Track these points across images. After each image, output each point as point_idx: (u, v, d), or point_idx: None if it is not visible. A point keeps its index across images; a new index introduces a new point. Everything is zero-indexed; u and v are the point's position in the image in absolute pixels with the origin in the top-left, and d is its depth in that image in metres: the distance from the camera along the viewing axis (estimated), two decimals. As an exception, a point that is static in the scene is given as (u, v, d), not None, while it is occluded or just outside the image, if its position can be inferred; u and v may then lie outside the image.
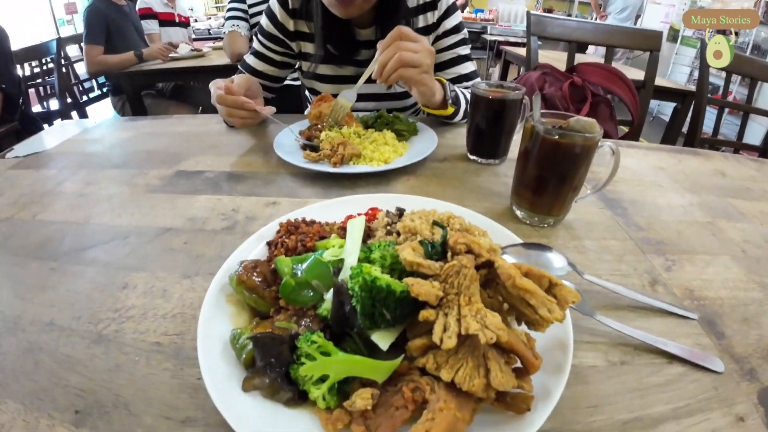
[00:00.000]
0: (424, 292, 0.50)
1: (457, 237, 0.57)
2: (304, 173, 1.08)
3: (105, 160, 1.24)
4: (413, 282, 0.50)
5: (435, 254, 0.58)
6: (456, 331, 0.48)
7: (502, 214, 0.92)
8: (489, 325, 0.48)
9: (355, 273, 0.51)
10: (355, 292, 0.51)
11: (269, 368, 0.53)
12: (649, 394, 0.57)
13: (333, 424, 0.48)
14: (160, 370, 0.61)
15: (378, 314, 0.51)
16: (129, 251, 0.85)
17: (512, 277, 0.53)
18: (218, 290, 0.65)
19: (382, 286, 0.50)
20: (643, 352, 0.63)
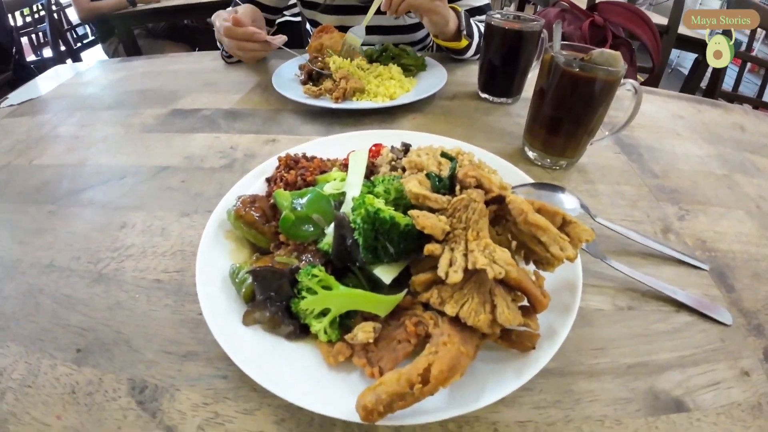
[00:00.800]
0: (430, 225, 0.46)
1: (466, 170, 0.53)
2: (305, 110, 1.02)
3: (99, 102, 1.18)
4: (418, 214, 0.46)
5: (442, 188, 0.53)
6: (462, 266, 0.45)
7: (513, 154, 0.86)
8: (498, 260, 0.45)
9: (357, 204, 0.47)
10: (357, 225, 0.47)
11: (269, 302, 0.51)
12: (655, 340, 0.55)
13: (334, 357, 0.47)
14: (161, 306, 0.60)
15: (381, 248, 0.48)
16: (126, 191, 0.82)
17: (524, 212, 0.49)
18: (217, 226, 0.62)
19: (386, 218, 0.46)
20: (651, 298, 0.61)
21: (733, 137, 1.04)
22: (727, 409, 0.49)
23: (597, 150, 0.91)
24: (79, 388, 0.51)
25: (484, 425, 0.47)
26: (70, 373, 0.53)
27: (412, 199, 0.50)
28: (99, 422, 0.48)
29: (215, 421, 0.48)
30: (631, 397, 0.50)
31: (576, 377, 0.52)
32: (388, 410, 0.39)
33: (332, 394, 0.45)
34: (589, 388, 0.51)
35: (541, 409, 0.49)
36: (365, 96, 1.00)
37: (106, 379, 0.52)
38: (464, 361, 0.41)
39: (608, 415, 0.48)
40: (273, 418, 0.48)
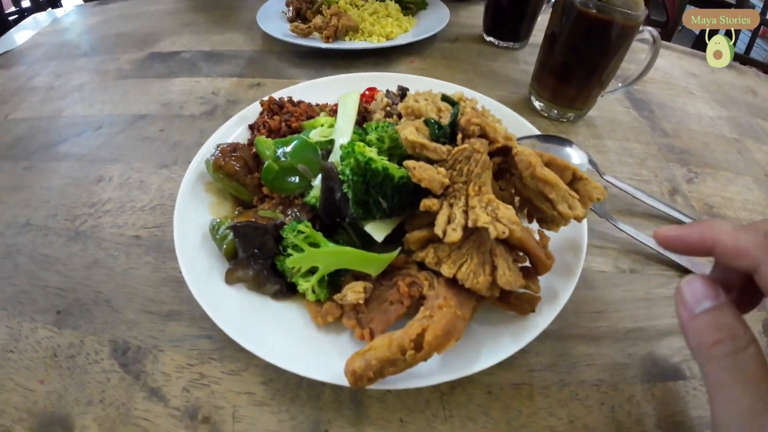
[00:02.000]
0: (427, 178, 0.40)
1: (469, 116, 0.46)
2: (292, 51, 0.91)
3: (74, 49, 1.07)
4: (415, 165, 0.40)
5: (442, 136, 0.47)
6: (462, 223, 0.40)
7: (518, 104, 0.78)
8: (501, 218, 0.39)
9: (346, 153, 0.41)
10: (346, 177, 0.42)
11: (253, 260, 0.47)
12: (657, 305, 0.53)
13: (323, 318, 0.44)
14: (141, 264, 0.56)
15: (373, 202, 0.43)
16: (102, 142, 0.75)
17: (533, 165, 0.43)
18: (195, 178, 0.56)
19: (378, 169, 0.40)
20: (654, 262, 0.57)
21: (745, 101, 0.98)
22: (724, 378, 0.47)
23: (607, 103, 0.83)
24: (61, 351, 0.48)
25: (477, 387, 0.45)
26: (51, 336, 0.50)
27: (407, 148, 0.44)
28: (82, 386, 0.46)
29: (200, 383, 0.45)
30: (628, 362, 0.48)
31: (573, 341, 0.49)
32: (378, 376, 0.35)
33: (320, 357, 0.42)
34: (586, 351, 0.48)
35: (536, 372, 0.46)
36: (359, 35, 0.89)
37: (87, 342, 0.49)
38: (460, 325, 0.37)
39: (605, 380, 0.46)
40: (260, 379, 0.45)
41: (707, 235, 0.30)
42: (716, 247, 0.29)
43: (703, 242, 0.30)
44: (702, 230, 0.30)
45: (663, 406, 0.45)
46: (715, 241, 0.29)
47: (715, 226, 0.30)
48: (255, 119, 0.62)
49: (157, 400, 0.45)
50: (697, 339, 0.28)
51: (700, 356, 0.28)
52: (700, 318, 0.28)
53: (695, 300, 0.29)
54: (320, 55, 0.88)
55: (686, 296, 0.30)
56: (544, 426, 0.43)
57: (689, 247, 0.31)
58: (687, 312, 0.29)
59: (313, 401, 0.44)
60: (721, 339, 0.27)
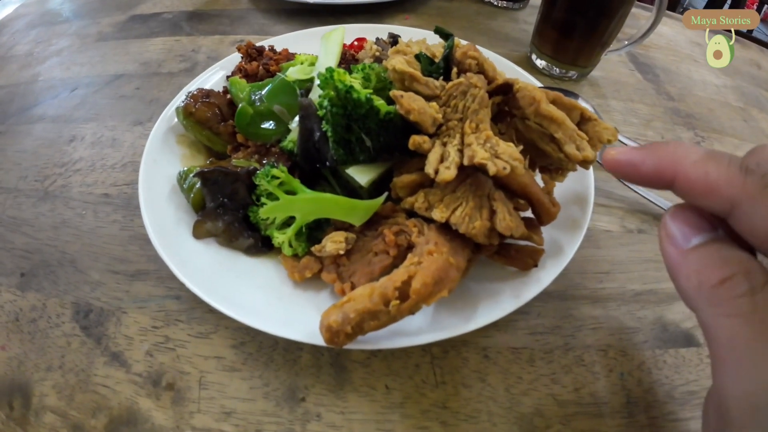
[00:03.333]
0: (417, 109, 0.34)
1: (466, 48, 0.39)
2: (279, 8, 0.84)
3: (56, 17, 1.00)
4: (401, 93, 0.34)
5: (435, 71, 0.40)
6: (456, 162, 0.34)
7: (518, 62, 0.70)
8: (501, 154, 0.33)
9: (324, 80, 0.34)
10: (324, 109, 0.35)
11: (222, 210, 0.41)
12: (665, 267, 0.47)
13: (300, 273, 0.38)
14: (108, 222, 0.50)
15: (356, 141, 0.36)
16: (77, 103, 0.68)
17: (536, 101, 0.37)
18: (167, 129, 0.50)
19: (361, 99, 0.34)
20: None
21: (749, 72, 0.92)
22: (737, 346, 0.41)
23: (610, 65, 0.76)
24: (23, 315, 0.44)
25: (473, 350, 0.39)
26: (14, 299, 0.45)
27: (396, 81, 0.37)
28: (42, 350, 0.41)
29: (165, 346, 0.40)
30: (638, 326, 0.42)
31: (578, 302, 0.44)
32: (357, 332, 0.30)
33: (297, 316, 0.36)
34: (592, 314, 0.43)
35: (537, 335, 0.41)
36: (350, -5, 0.81)
37: (49, 304, 0.44)
38: (453, 274, 0.31)
39: (612, 345, 0.41)
40: (231, 342, 0.40)
41: (667, 164, 0.22)
42: (678, 179, 0.21)
43: (660, 173, 0.22)
44: (660, 155, 0.22)
45: (675, 374, 0.40)
46: (676, 172, 0.21)
47: (678, 151, 0.22)
48: (233, 70, 0.55)
49: (119, 365, 0.39)
50: (695, 279, 0.20)
51: (700, 301, 0.20)
52: (696, 252, 0.21)
53: (685, 233, 0.22)
54: (308, 12, 0.81)
55: (672, 230, 0.22)
56: (547, 394, 0.38)
57: (643, 177, 0.23)
58: (676, 248, 0.22)
59: (289, 366, 0.38)
60: (730, 275, 0.19)
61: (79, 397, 0.38)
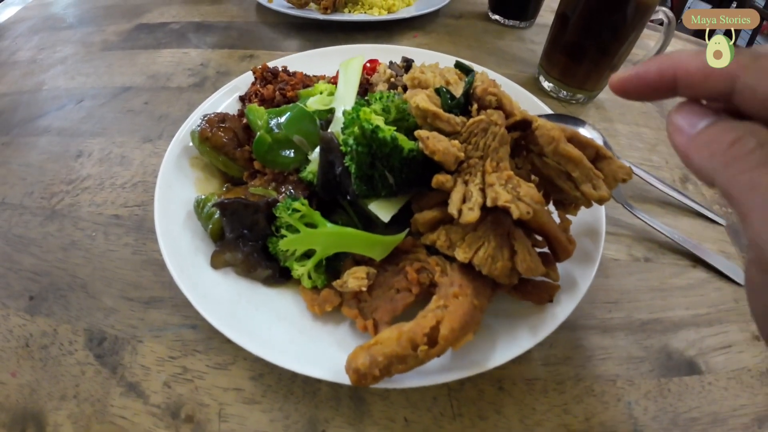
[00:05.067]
0: (441, 150, 0.34)
1: (486, 85, 0.39)
2: (288, 23, 0.83)
3: (59, 22, 0.97)
4: (427, 134, 0.34)
5: (455, 107, 0.40)
6: (479, 202, 0.33)
7: (526, 84, 0.70)
8: (524, 196, 0.33)
9: (350, 120, 0.34)
10: (349, 148, 0.35)
11: (242, 241, 0.40)
12: (671, 296, 0.48)
13: (320, 306, 0.37)
14: (120, 245, 0.49)
15: (378, 177, 0.36)
16: (83, 116, 0.66)
17: (555, 140, 0.37)
18: (180, 151, 0.49)
19: (386, 138, 0.34)
20: (668, 250, 0.52)
21: None
22: (738, 374, 0.42)
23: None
24: (33, 340, 0.42)
25: (488, 382, 0.39)
26: (23, 323, 0.44)
27: (418, 118, 0.37)
28: (55, 378, 0.40)
29: (183, 377, 0.39)
30: (644, 355, 0.43)
31: (588, 332, 0.44)
32: (384, 374, 0.29)
33: (317, 350, 0.36)
34: (601, 344, 0.43)
35: (550, 366, 0.41)
36: (359, 7, 0.80)
37: (61, 330, 0.43)
38: (477, 317, 0.32)
39: (620, 374, 0.41)
40: (250, 374, 0.39)
41: (667, 65, 0.24)
42: (679, 75, 0.23)
43: (662, 75, 0.24)
44: (660, 61, 0.24)
45: (679, 402, 0.41)
46: (676, 69, 0.23)
47: (674, 54, 0.24)
48: (246, 90, 0.54)
49: (136, 396, 0.38)
50: (707, 151, 0.21)
51: (716, 168, 0.21)
52: (704, 132, 0.22)
53: (691, 121, 0.23)
54: (317, 27, 0.80)
55: (679, 121, 0.23)
56: (559, 424, 0.38)
57: (649, 86, 0.25)
58: (685, 135, 0.23)
59: (309, 398, 0.38)
60: (738, 137, 0.20)
61: (95, 428, 0.37)
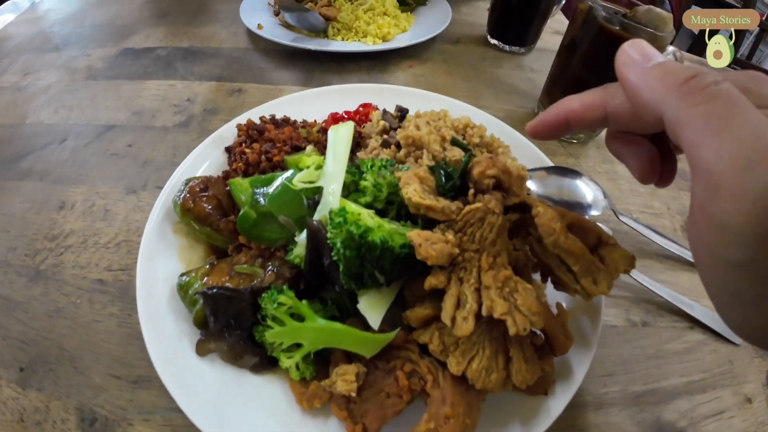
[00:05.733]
0: (435, 255, 0.30)
1: (484, 166, 0.35)
2: (280, 51, 0.77)
3: (46, 42, 0.91)
4: (420, 241, 0.30)
5: (451, 189, 0.36)
6: (474, 310, 0.31)
7: (524, 119, 0.67)
8: (521, 305, 0.30)
9: (337, 222, 0.31)
10: (336, 249, 0.31)
11: (227, 330, 0.37)
12: (667, 363, 0.46)
13: (308, 402, 0.35)
14: (105, 315, 0.46)
15: (368, 276, 0.33)
16: (67, 157, 0.62)
17: (556, 233, 0.33)
18: (164, 216, 0.45)
19: (375, 242, 0.30)
20: (666, 312, 0.49)
21: None
22: (727, 441, 0.41)
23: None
24: (27, 415, 0.41)
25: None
26: (16, 396, 0.42)
27: (411, 209, 0.33)
28: None
29: (172, 465, 0.37)
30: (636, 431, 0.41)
31: (582, 410, 0.42)
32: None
33: (306, 448, 0.33)
34: (595, 422, 0.41)
35: (543, 449, 0.39)
36: (352, 35, 0.75)
37: (53, 407, 0.41)
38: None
39: (614, 452, 0.39)
40: (238, 464, 0.37)
41: (559, 110, 0.28)
42: (568, 115, 0.27)
43: (557, 117, 0.28)
44: (555, 107, 0.28)
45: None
46: (566, 111, 0.27)
47: (563, 100, 0.28)
48: (233, 140, 0.50)
49: (127, 485, 0.36)
50: (660, 85, 0.21)
51: (670, 100, 0.20)
52: (658, 67, 0.22)
53: (645, 54, 0.23)
54: (309, 56, 0.74)
55: (632, 54, 0.23)
56: None
57: (551, 127, 0.29)
58: (637, 67, 0.23)
59: (299, 493, 0.36)
60: (695, 73, 0.20)
61: None
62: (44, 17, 1.02)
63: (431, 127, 0.49)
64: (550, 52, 0.81)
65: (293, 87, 0.70)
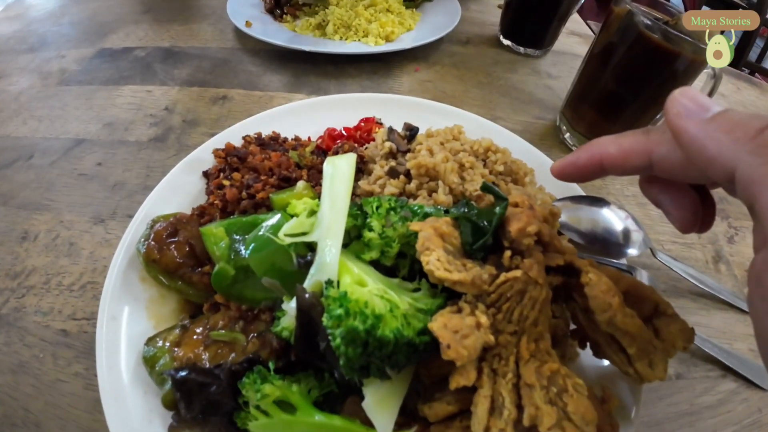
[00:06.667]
0: (467, 356, 0.22)
1: (525, 222, 0.26)
2: (270, 52, 0.66)
3: (21, 42, 0.79)
4: (448, 339, 0.22)
5: (481, 249, 0.27)
6: (513, 419, 0.23)
7: (544, 134, 0.57)
8: (573, 413, 0.22)
9: (336, 315, 0.22)
10: (336, 343, 0.22)
11: (203, 416, 0.28)
12: (700, 419, 0.40)
13: None
14: (70, 375, 0.38)
15: (375, 368, 0.24)
16: (32, 178, 0.53)
17: (612, 309, 0.25)
18: (129, 261, 0.36)
19: (387, 339, 0.22)
20: (699, 360, 0.44)
21: None
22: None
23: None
24: None
25: None
26: None
27: (432, 280, 0.24)
28: None
29: None
30: None
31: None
32: None
33: None
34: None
35: None
36: (352, 34, 0.63)
37: None
38: None
39: None
40: None
41: (593, 152, 0.25)
42: (604, 159, 0.25)
43: (591, 161, 0.25)
44: (587, 149, 0.26)
45: None
46: (601, 155, 0.25)
47: (595, 142, 0.25)
48: (212, 162, 0.40)
49: None
50: (728, 138, 0.18)
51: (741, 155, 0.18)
52: (720, 118, 0.19)
53: (702, 104, 0.20)
54: (303, 58, 0.63)
55: (688, 104, 0.21)
56: None
57: (583, 171, 0.26)
58: (694, 119, 0.20)
59: None
60: (764, 124, 0.18)
61: None
62: (24, 14, 0.90)
63: (446, 152, 0.39)
64: (569, 55, 0.71)
65: (284, 94, 0.59)
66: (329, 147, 0.44)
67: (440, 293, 0.28)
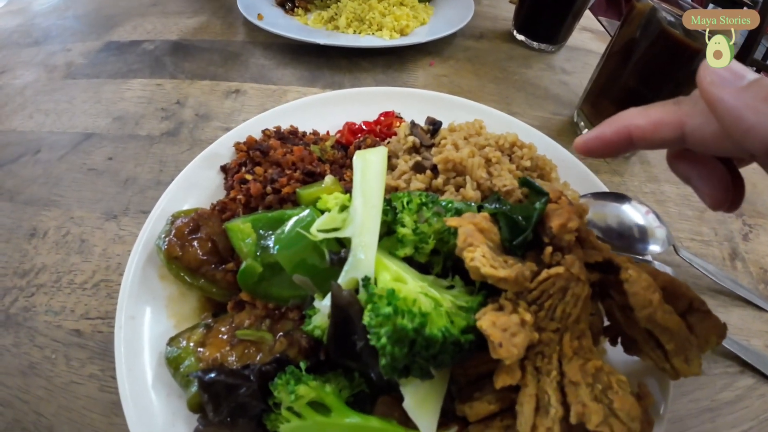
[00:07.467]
0: (517, 354, 0.21)
1: (565, 217, 0.25)
2: (282, 46, 0.64)
3: (25, 36, 0.77)
4: (499, 337, 0.21)
5: (520, 246, 0.26)
6: (560, 417, 0.22)
7: (561, 130, 0.56)
8: (619, 410, 0.22)
9: (385, 314, 0.21)
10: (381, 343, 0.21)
11: (231, 419, 0.27)
12: (720, 415, 0.40)
13: None
14: (85, 377, 0.37)
15: (418, 368, 0.23)
16: (39, 173, 0.51)
17: (653, 306, 0.25)
18: (147, 257, 0.35)
19: (436, 337, 0.21)
20: (719, 356, 0.43)
21: None
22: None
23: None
24: None
25: None
26: None
27: (473, 276, 0.24)
28: None
29: None
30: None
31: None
32: None
33: None
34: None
35: None
36: (366, 27, 0.62)
37: None
38: None
39: None
40: None
41: (621, 125, 0.24)
42: (633, 131, 0.23)
43: (619, 133, 0.24)
44: (614, 122, 0.24)
45: None
46: (629, 127, 0.23)
47: (623, 114, 0.24)
48: (229, 157, 0.39)
49: None
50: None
51: None
52: (756, 85, 0.18)
53: (736, 73, 0.20)
54: (316, 51, 0.61)
55: (720, 71, 0.20)
56: None
57: (609, 145, 0.24)
58: (730, 87, 0.19)
59: None
60: None
61: None
62: (27, 8, 0.88)
63: (472, 146, 0.38)
64: (582, 51, 0.70)
65: (298, 87, 0.58)
66: (349, 141, 0.43)
67: (477, 291, 0.27)
